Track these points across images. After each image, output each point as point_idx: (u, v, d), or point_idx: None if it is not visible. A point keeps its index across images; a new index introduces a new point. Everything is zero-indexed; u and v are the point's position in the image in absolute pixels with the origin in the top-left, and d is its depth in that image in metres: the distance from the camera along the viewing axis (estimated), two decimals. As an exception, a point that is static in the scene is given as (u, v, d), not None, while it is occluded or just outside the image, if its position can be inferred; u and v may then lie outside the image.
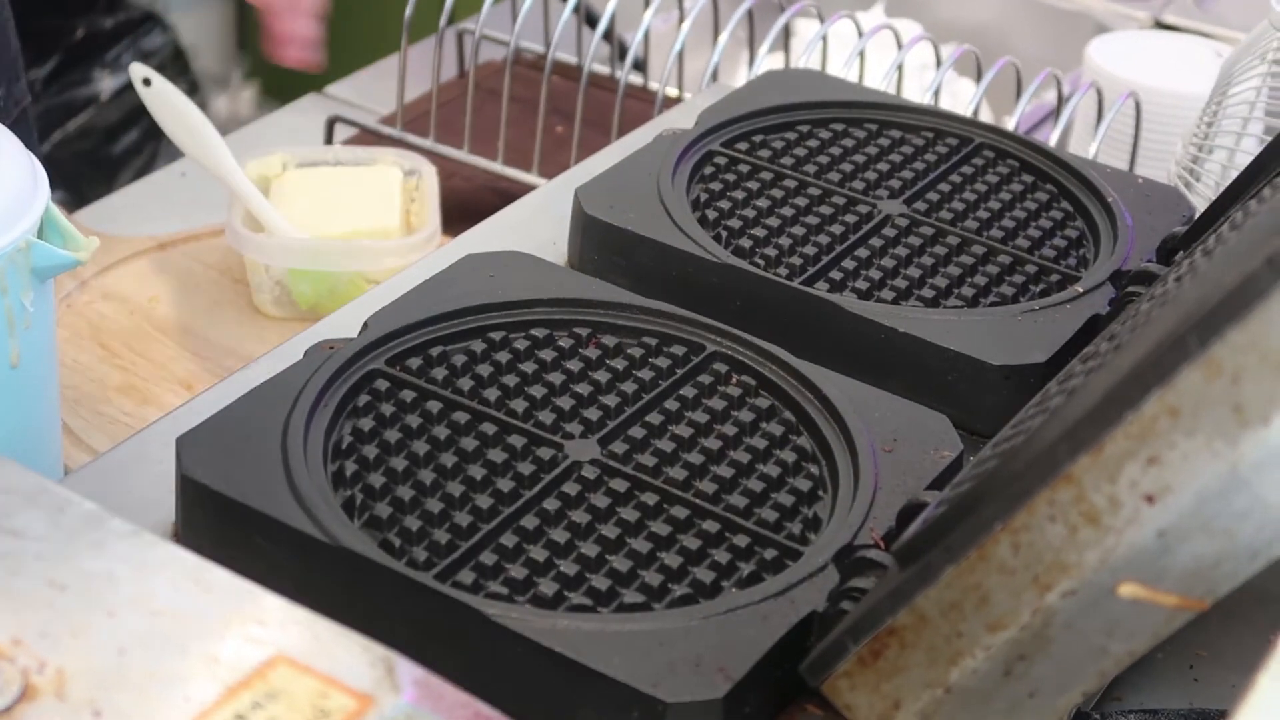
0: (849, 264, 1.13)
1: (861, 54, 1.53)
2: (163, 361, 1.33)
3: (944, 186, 1.22)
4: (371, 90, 1.78)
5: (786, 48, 1.67)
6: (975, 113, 1.43)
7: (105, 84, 2.47)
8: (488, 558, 0.87)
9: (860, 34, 1.55)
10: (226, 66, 2.87)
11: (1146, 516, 0.71)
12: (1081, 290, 1.11)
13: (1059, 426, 0.74)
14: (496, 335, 1.03)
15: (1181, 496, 0.70)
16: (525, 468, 0.93)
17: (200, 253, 1.45)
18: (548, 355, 1.02)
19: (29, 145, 1.36)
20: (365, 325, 1.02)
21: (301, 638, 0.67)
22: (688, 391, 1.00)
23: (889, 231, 1.16)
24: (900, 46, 1.53)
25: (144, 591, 0.68)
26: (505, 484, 0.92)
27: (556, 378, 1.00)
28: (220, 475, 0.90)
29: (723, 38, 1.54)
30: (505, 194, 1.52)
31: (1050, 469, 0.73)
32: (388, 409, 0.96)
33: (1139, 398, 0.70)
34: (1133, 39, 1.67)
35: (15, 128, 1.12)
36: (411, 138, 1.60)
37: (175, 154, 1.82)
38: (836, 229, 1.16)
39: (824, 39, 1.53)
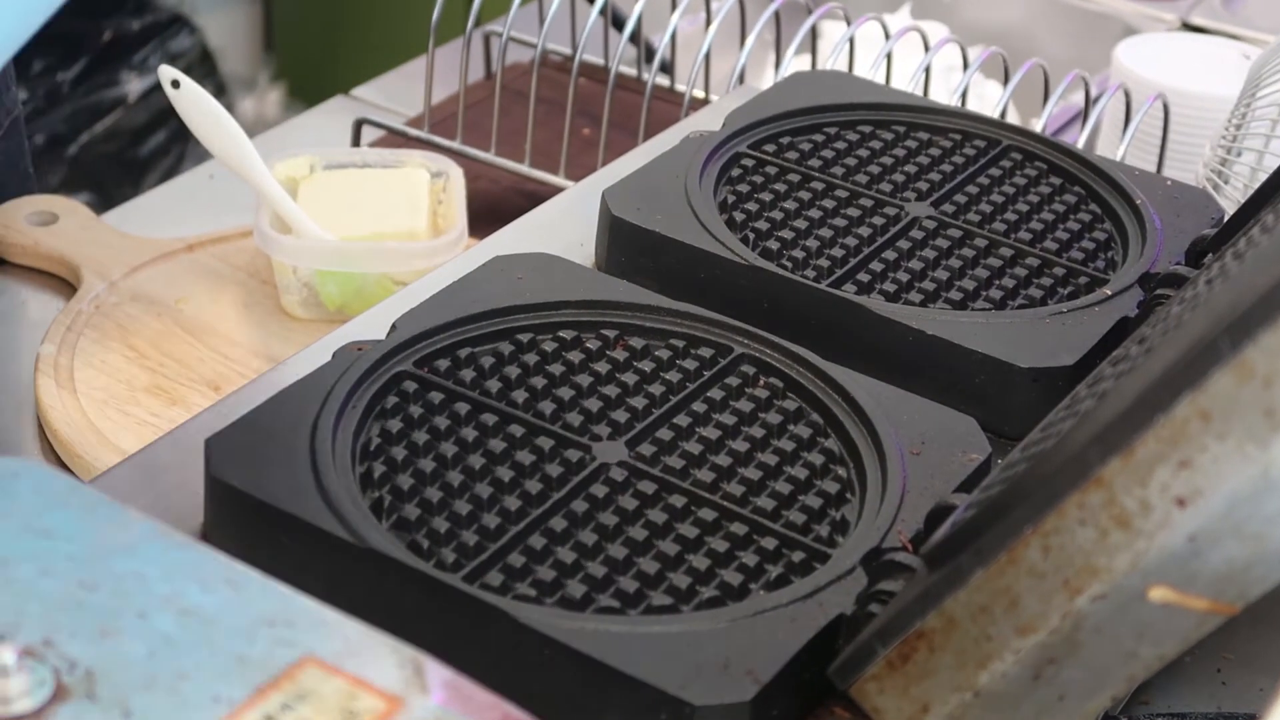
0: (876, 266, 1.12)
1: (888, 56, 1.52)
2: (191, 363, 1.33)
3: (971, 188, 1.21)
4: (398, 92, 1.78)
5: (813, 50, 1.67)
6: (1002, 115, 1.43)
7: (133, 86, 2.48)
8: (516, 559, 0.87)
9: (887, 36, 1.55)
10: (254, 68, 2.87)
11: (1177, 520, 0.70)
12: (1110, 293, 1.10)
13: (1090, 430, 0.74)
14: (524, 337, 1.03)
15: (1213, 500, 0.70)
16: (553, 469, 0.93)
17: (228, 254, 1.46)
18: (575, 357, 1.02)
19: (19, 154, 1.36)
20: (393, 327, 1.02)
21: (330, 639, 0.67)
22: (715, 393, 1.00)
23: (916, 234, 1.16)
24: (927, 49, 1.52)
25: (174, 592, 0.68)
26: (533, 486, 0.92)
27: (584, 379, 1.00)
28: (249, 476, 0.90)
29: (749, 40, 1.53)
30: (532, 196, 1.52)
31: (1081, 472, 0.73)
32: (416, 410, 0.96)
33: (1170, 401, 0.70)
34: (1160, 41, 1.66)
35: (7, 138, 1.11)
36: (438, 140, 1.60)
37: (203, 156, 1.82)
38: (864, 231, 1.16)
39: (851, 41, 1.53)
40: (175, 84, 1.37)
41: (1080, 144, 1.41)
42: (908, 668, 0.79)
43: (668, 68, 1.73)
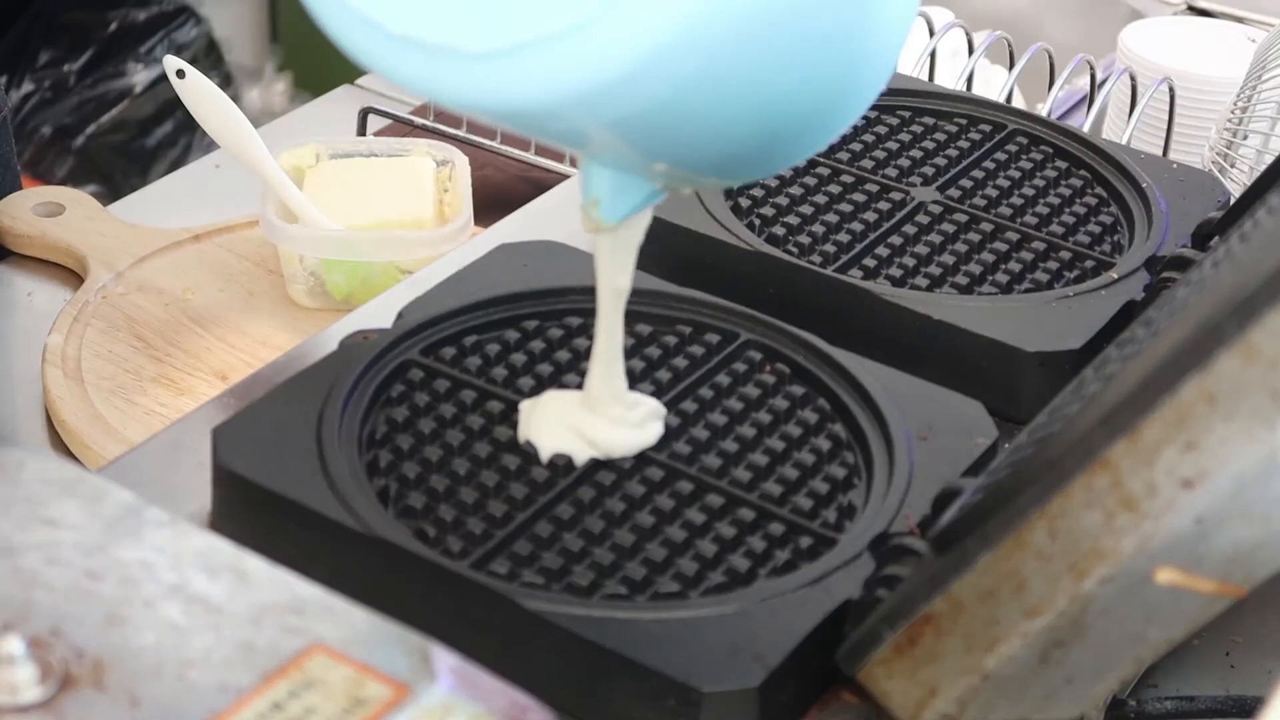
0: (882, 251, 1.12)
1: (894, 41, 1.52)
2: (197, 352, 1.33)
3: (977, 173, 1.21)
4: (404, 81, 1.78)
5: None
6: (1008, 99, 1.43)
7: (139, 76, 2.48)
8: (522, 546, 0.87)
9: (892, 21, 1.54)
10: (260, 59, 2.87)
11: (1184, 502, 0.70)
12: (1116, 276, 1.10)
13: (1096, 412, 0.73)
14: (530, 324, 1.03)
15: (1219, 482, 0.69)
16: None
17: (234, 244, 1.46)
18: (581, 344, 1.02)
19: (6, 152, 1.36)
20: (399, 315, 1.02)
21: (337, 627, 0.66)
22: (722, 379, 1.00)
23: (922, 218, 1.16)
24: (932, 33, 1.52)
25: (181, 581, 0.68)
26: (540, 472, 0.92)
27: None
28: (256, 465, 0.90)
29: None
30: (538, 184, 1.52)
31: (1087, 455, 0.72)
32: (422, 399, 0.96)
33: (1176, 383, 0.70)
34: (1166, 24, 1.66)
35: None
36: (444, 128, 1.60)
37: (209, 146, 1.82)
38: (870, 216, 1.16)
39: (856, 26, 1.52)
40: (181, 74, 1.37)
41: (1086, 128, 1.40)
42: (915, 652, 0.79)
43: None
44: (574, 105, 0.73)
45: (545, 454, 0.92)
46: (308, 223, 1.38)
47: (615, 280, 0.92)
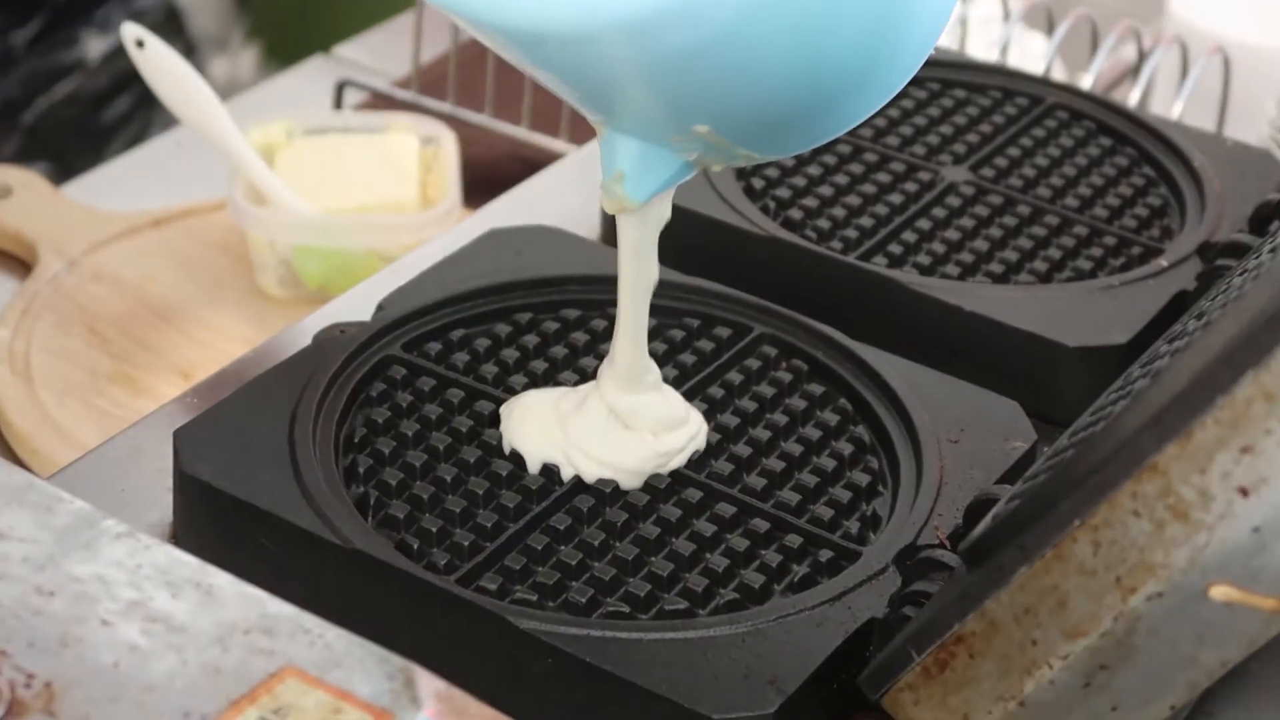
0: (909, 236, 1.12)
1: (921, 6, 1.52)
2: (158, 348, 1.34)
3: (1013, 151, 1.21)
4: (384, 50, 1.78)
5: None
6: (1047, 70, 1.43)
7: (94, 46, 2.48)
8: (514, 560, 0.88)
9: (920, -16, 1.54)
10: (225, 26, 2.87)
11: (1240, 511, 0.70)
12: (1166, 264, 1.11)
13: (1143, 413, 0.74)
14: (523, 317, 1.03)
15: (1279, 488, 0.70)
16: (555, 462, 0.93)
17: (199, 229, 1.46)
18: (580, 339, 1.02)
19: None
20: (379, 307, 1.03)
21: (312, 648, 0.67)
22: (733, 377, 1.00)
23: (953, 201, 1.16)
24: (964, -2, 1.52)
25: (140, 598, 0.68)
26: (533, 480, 0.92)
27: (589, 364, 1.00)
28: (222, 472, 0.90)
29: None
30: (531, 163, 1.52)
31: (1134, 460, 0.73)
32: (404, 398, 0.97)
33: (1231, 381, 0.70)
34: (1220, -12, 1.66)
35: None
36: (428, 102, 1.60)
37: (170, 122, 1.82)
38: (895, 198, 1.16)
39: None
40: (139, 43, 1.38)
41: (1132, 102, 1.41)
42: (946, 676, 0.79)
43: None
44: (616, 31, 0.74)
45: (534, 463, 0.93)
46: (279, 206, 1.39)
47: (643, 272, 0.91)
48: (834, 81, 0.80)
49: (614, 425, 0.93)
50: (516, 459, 0.93)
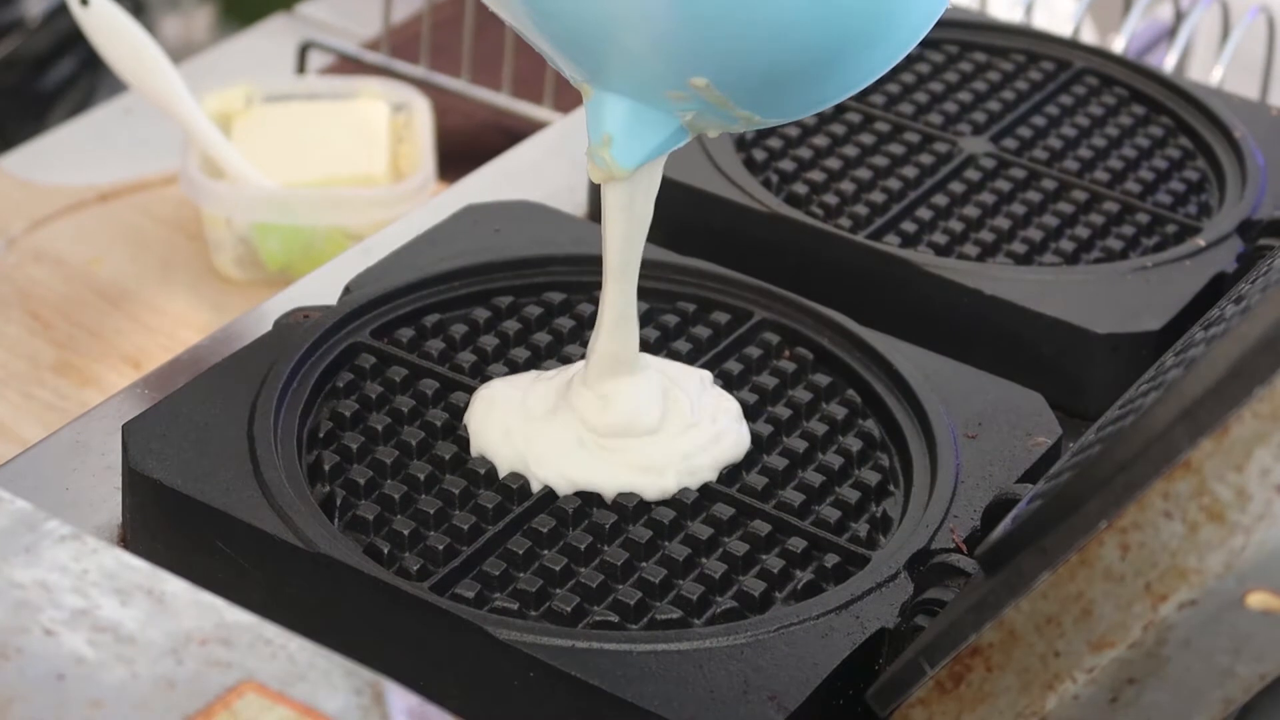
0: (924, 213, 1.13)
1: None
2: (106, 335, 1.34)
3: (1038, 120, 1.22)
4: (352, 10, 1.78)
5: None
6: (1076, 32, 1.43)
7: (33, 4, 2.48)
8: (493, 566, 0.88)
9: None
10: (178, -18, 2.87)
11: (1280, 512, 0.71)
12: (1204, 243, 1.11)
13: (1175, 405, 0.74)
14: (503, 300, 1.03)
15: (1322, 488, 0.70)
16: (538, 458, 0.94)
17: (149, 205, 1.46)
18: (564, 324, 1.02)
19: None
20: (346, 289, 1.03)
21: (273, 660, 0.67)
22: (732, 366, 1.01)
23: (972, 174, 1.16)
24: (985, -48, 1.53)
25: (87, 606, 0.68)
26: (514, 479, 0.92)
27: (575, 351, 1.01)
28: (175, 469, 0.91)
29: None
30: (512, 132, 1.52)
31: (1165, 456, 0.73)
32: (373, 389, 0.97)
33: (1272, 369, 0.70)
34: (1265, -58, 1.66)
35: None
36: (400, 65, 1.60)
37: (118, 88, 1.82)
38: (910, 172, 1.16)
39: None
40: (84, 1, 1.38)
41: (1168, 67, 1.41)
42: (961, 690, 0.80)
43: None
44: None
45: (503, 470, 0.93)
46: (236, 179, 1.39)
47: (628, 244, 0.91)
48: (843, 27, 0.80)
49: (586, 441, 0.93)
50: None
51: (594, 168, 0.87)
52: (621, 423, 0.92)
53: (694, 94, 0.83)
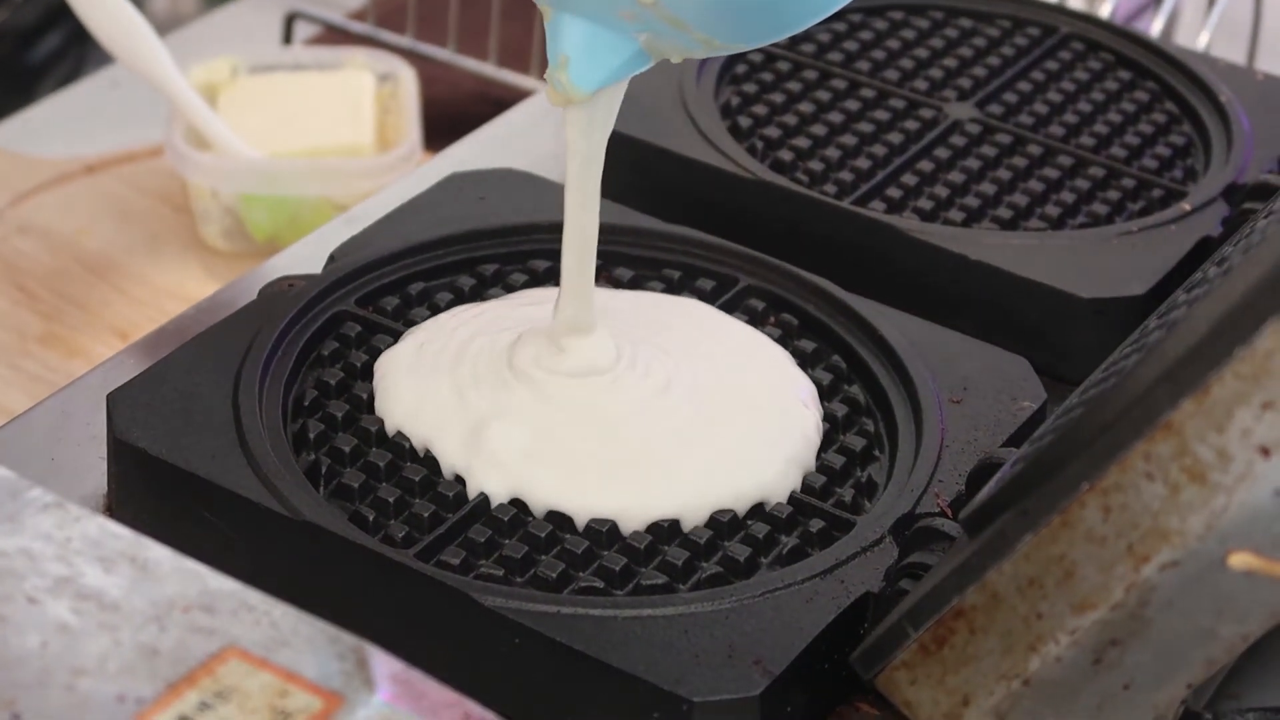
0: (910, 179, 1.13)
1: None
2: (92, 306, 1.34)
3: (1024, 85, 1.22)
4: (338, -21, 1.78)
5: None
6: (1062, -3, 1.43)
7: (20, -23, 2.47)
8: (478, 532, 0.88)
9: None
10: (165, -46, 2.87)
11: (1261, 472, 0.71)
12: (1189, 208, 1.11)
13: (1157, 366, 0.74)
14: (488, 269, 1.03)
15: (1303, 448, 0.70)
16: (523, 425, 0.94)
17: (136, 177, 1.46)
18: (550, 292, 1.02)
19: None
20: (331, 258, 1.03)
21: (256, 626, 0.67)
22: (717, 333, 1.01)
23: (958, 140, 1.16)
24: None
25: (70, 573, 0.68)
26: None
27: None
28: (160, 438, 0.91)
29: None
30: (497, 102, 1.52)
31: (1147, 418, 0.73)
32: (359, 358, 0.97)
33: (1252, 330, 0.70)
34: (1252, -94, 1.66)
35: None
36: (386, 35, 1.60)
37: (105, 60, 1.82)
38: (895, 138, 1.16)
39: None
40: (69, -28, 1.38)
41: (1155, 32, 1.41)
42: (944, 653, 0.80)
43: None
44: None
45: (446, 470, 0.91)
46: (222, 150, 1.39)
47: (586, 170, 0.90)
48: None
49: (547, 430, 0.92)
50: (481, 423, 0.94)
51: (552, 91, 0.87)
52: (584, 364, 0.92)
53: (646, 13, 0.82)
